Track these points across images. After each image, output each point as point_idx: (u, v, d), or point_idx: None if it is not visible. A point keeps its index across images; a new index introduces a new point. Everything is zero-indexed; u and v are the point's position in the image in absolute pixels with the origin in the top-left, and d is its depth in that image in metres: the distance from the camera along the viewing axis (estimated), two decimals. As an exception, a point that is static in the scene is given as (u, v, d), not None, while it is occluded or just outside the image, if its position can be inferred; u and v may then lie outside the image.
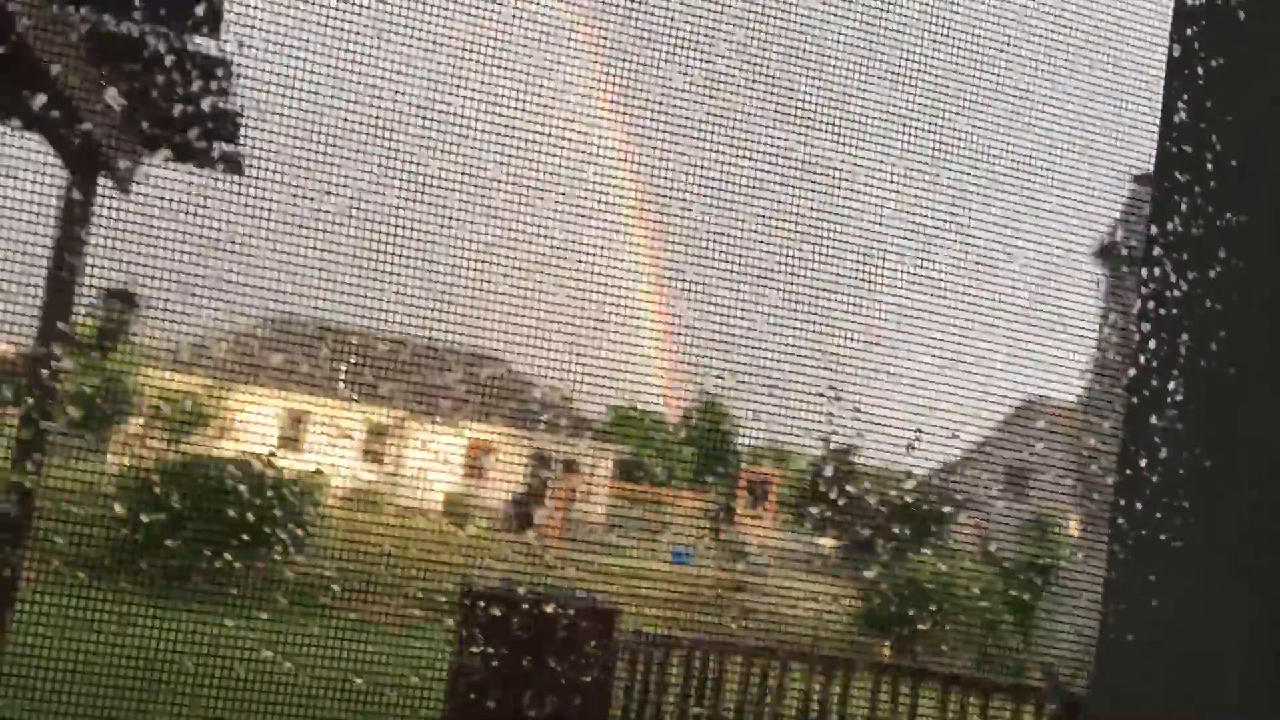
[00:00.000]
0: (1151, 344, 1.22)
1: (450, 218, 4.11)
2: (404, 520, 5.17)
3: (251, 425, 5.01)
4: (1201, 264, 1.19)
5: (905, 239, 4.52)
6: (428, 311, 4.17)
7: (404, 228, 4.06)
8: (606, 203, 4.38)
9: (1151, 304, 1.22)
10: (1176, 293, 1.17)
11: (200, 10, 2.91)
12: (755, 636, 5.01)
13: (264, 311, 4.16)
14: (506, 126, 4.16)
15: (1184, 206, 1.19)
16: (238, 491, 4.79)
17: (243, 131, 3.33)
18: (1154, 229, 1.25)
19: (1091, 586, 4.62)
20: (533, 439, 5.43)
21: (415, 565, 4.62)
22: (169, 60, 3.07)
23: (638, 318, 4.59)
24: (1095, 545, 4.84)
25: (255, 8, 3.13)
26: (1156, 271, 1.21)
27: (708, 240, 4.41)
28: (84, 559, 4.27)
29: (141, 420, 5.02)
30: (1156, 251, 1.22)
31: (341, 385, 4.82)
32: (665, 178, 4.39)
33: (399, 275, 4.12)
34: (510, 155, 4.16)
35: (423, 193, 4.04)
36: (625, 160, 4.46)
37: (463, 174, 4.11)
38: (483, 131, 4.12)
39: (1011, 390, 4.65)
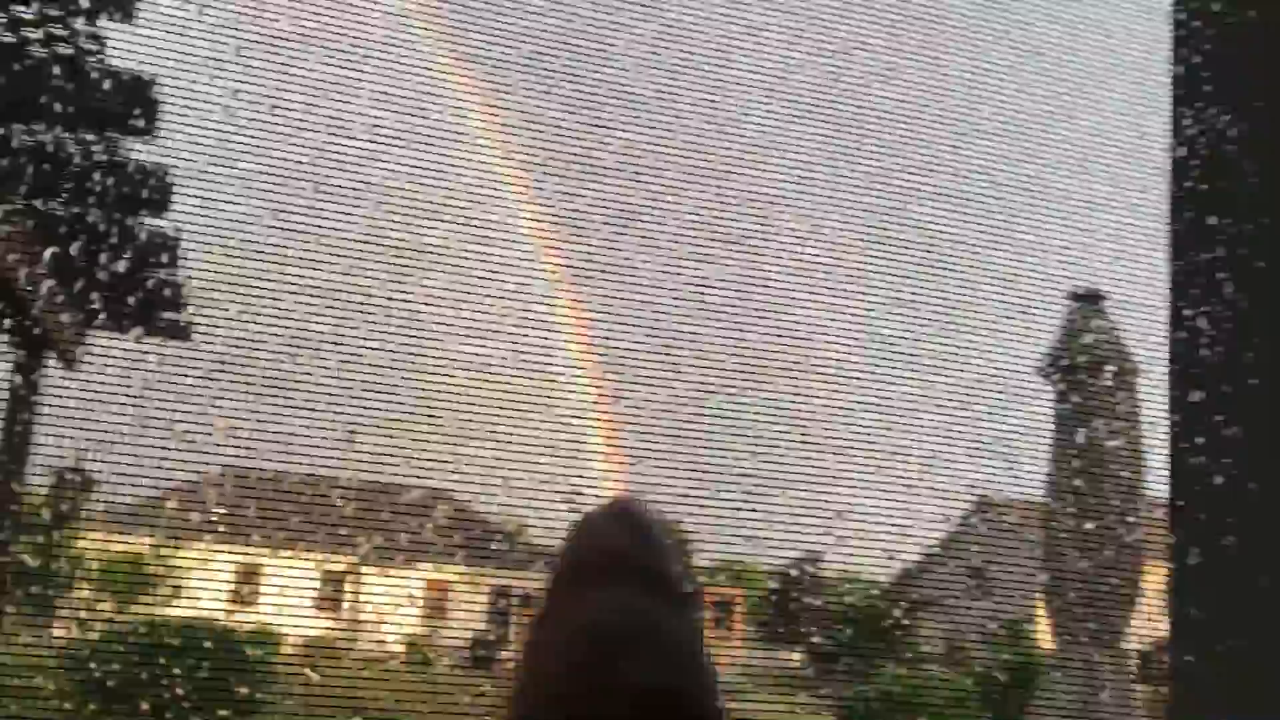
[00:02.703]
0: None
1: (391, 359, 4.10)
2: (366, 669, 5.04)
3: (202, 583, 4.88)
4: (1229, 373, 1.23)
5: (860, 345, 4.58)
6: (374, 453, 4.15)
7: (348, 366, 4.04)
8: (547, 327, 4.40)
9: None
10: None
11: (146, 191, 2.92)
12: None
13: (211, 466, 4.12)
14: (447, 266, 4.18)
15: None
16: (191, 652, 4.64)
17: (187, 301, 3.31)
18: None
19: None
20: (491, 575, 5.36)
21: (381, 716, 4.50)
22: (114, 237, 3.06)
23: (585, 440, 4.57)
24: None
25: (202, 187, 3.15)
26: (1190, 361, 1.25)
27: (655, 352, 4.42)
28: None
29: (88, 588, 4.88)
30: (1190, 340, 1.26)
31: (289, 535, 4.73)
32: (609, 291, 4.41)
33: (344, 418, 4.09)
34: (450, 291, 4.18)
35: (361, 331, 4.03)
36: (566, 282, 4.50)
37: (402, 314, 4.11)
38: (420, 268, 4.14)
39: (970, 489, 4.70)
